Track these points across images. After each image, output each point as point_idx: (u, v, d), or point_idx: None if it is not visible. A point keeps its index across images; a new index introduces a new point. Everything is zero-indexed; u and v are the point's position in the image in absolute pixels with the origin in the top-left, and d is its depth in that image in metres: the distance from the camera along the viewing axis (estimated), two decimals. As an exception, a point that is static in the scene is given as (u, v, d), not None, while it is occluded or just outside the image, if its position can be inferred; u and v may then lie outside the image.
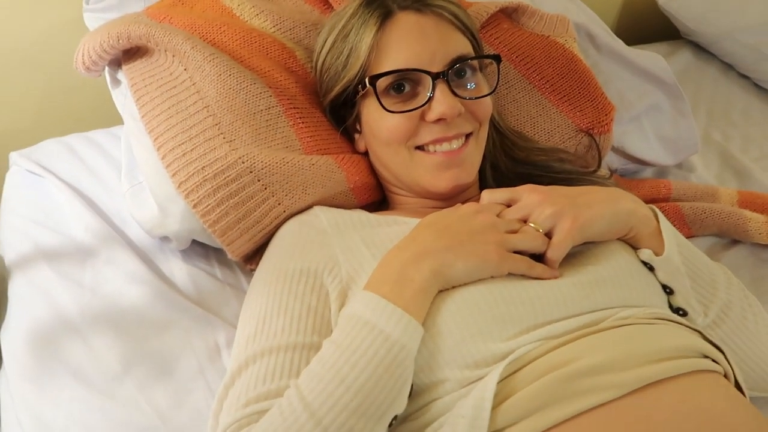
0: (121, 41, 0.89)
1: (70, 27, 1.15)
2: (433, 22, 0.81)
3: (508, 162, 0.92)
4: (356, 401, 0.59)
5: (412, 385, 0.63)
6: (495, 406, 0.59)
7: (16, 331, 0.81)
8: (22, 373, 0.77)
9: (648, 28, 1.66)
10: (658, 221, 0.74)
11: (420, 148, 0.81)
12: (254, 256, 0.87)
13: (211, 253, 0.92)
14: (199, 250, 0.91)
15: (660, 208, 1.02)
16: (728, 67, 1.47)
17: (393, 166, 0.84)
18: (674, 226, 0.99)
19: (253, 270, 0.84)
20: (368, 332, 0.62)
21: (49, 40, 1.19)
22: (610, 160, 1.08)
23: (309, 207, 0.84)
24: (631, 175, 1.13)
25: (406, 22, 0.80)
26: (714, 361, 0.66)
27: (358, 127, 0.88)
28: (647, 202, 1.03)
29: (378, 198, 0.92)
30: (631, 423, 0.57)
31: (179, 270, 0.89)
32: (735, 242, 1.02)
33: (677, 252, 0.73)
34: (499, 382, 0.60)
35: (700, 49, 1.51)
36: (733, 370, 0.67)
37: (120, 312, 0.82)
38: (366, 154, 0.90)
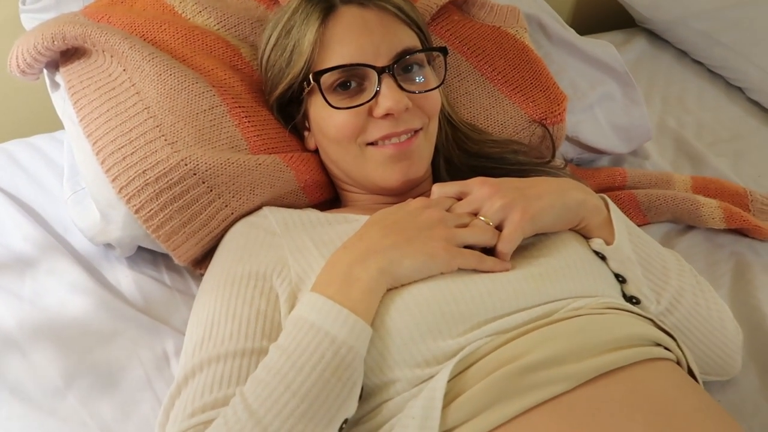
0: (56, 42, 0.86)
1: (7, 28, 1.11)
2: (377, 16, 0.79)
3: (462, 155, 0.91)
4: (303, 406, 0.58)
5: (362, 387, 0.62)
6: (445, 405, 0.58)
7: (-48, 348, 0.78)
8: (-43, 392, 0.74)
9: (603, 16, 1.66)
10: (608, 210, 0.74)
11: (371, 144, 0.79)
12: (203, 260, 0.85)
13: (159, 259, 0.90)
14: (146, 256, 0.89)
15: (615, 196, 1.02)
16: (682, 53, 1.48)
17: (343, 164, 0.83)
18: (629, 213, 1.01)
19: (203, 274, 0.82)
20: (314, 335, 0.60)
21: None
22: (566, 149, 1.08)
23: (258, 208, 0.82)
24: (588, 164, 1.13)
25: (349, 17, 0.78)
26: (666, 348, 0.66)
27: (306, 124, 0.86)
28: (603, 190, 1.05)
29: (330, 196, 0.90)
30: (582, 415, 0.57)
31: (125, 278, 0.86)
32: (689, 228, 1.02)
33: (628, 240, 0.72)
34: (449, 381, 0.59)
35: (654, 36, 1.53)
36: (685, 357, 0.67)
37: (61, 324, 0.79)
38: (316, 151, 0.88)
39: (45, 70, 0.93)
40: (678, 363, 0.67)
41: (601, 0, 1.65)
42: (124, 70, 0.85)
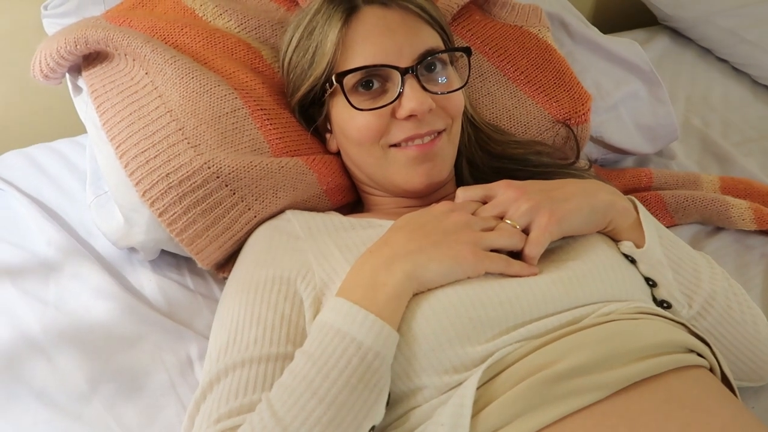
0: (78, 46, 0.86)
1: (28, 33, 1.12)
2: (400, 16, 0.78)
3: (485, 157, 0.90)
4: (330, 413, 0.57)
5: (389, 394, 0.61)
6: (475, 413, 0.57)
7: (-23, 353, 0.78)
8: (-18, 397, 0.74)
9: (624, 14, 1.64)
10: (638, 212, 0.72)
11: (394, 145, 0.78)
12: (226, 263, 0.84)
13: (182, 263, 0.89)
14: (169, 259, 0.89)
15: (641, 198, 1.00)
16: (706, 51, 1.46)
17: (366, 166, 0.82)
18: (656, 215, 0.99)
19: (226, 278, 0.82)
20: (340, 341, 0.59)
21: (6, 47, 1.15)
22: (590, 150, 1.06)
23: (281, 211, 0.82)
24: (612, 165, 1.12)
25: (371, 17, 0.78)
26: (699, 355, 0.64)
27: (328, 126, 0.85)
28: (628, 191, 1.03)
29: (352, 199, 0.90)
30: (616, 425, 0.55)
31: (148, 281, 0.86)
32: (718, 229, 1.00)
33: (659, 243, 0.71)
34: (478, 388, 0.58)
35: (677, 34, 1.50)
36: (719, 363, 0.65)
37: (86, 328, 0.79)
38: (338, 154, 0.87)
39: (67, 75, 0.93)
40: (711, 369, 0.65)
41: (622, -2, 1.63)
42: (147, 73, 0.85)
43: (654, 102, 1.08)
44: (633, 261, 0.71)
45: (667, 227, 0.93)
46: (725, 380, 0.66)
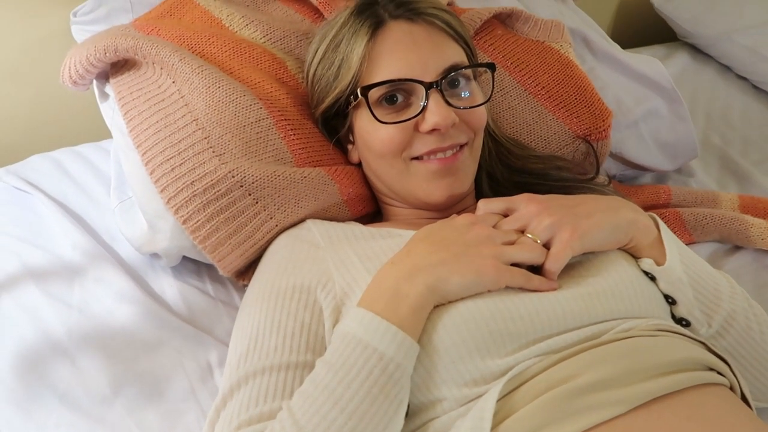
0: (108, 54, 0.87)
1: (57, 39, 1.14)
2: (426, 31, 0.79)
3: (505, 170, 0.90)
4: (351, 423, 0.58)
5: (408, 405, 0.62)
6: (494, 426, 0.58)
7: (2, 354, 0.79)
8: (7, 397, 0.75)
9: (644, 30, 1.65)
10: (659, 230, 0.72)
11: (416, 158, 0.79)
12: (246, 271, 0.85)
13: (203, 269, 0.90)
14: (190, 266, 0.90)
15: (660, 215, 1.00)
16: (726, 68, 1.46)
17: (387, 178, 0.83)
18: (675, 232, 0.99)
19: (246, 285, 0.83)
20: (362, 351, 0.60)
21: (35, 53, 1.17)
22: (608, 166, 1.06)
23: (301, 220, 0.82)
24: (630, 181, 1.12)
25: (397, 32, 0.79)
26: (719, 373, 0.64)
27: (350, 137, 0.86)
28: (647, 208, 1.03)
29: (372, 210, 0.90)
30: (637, 441, 0.55)
31: (170, 287, 0.87)
32: (737, 248, 1.00)
33: (679, 261, 0.71)
34: (498, 401, 0.58)
35: (697, 51, 1.50)
36: (738, 382, 0.65)
37: (109, 332, 0.80)
38: (359, 165, 0.88)
39: (94, 81, 0.94)
40: (731, 388, 0.65)
41: (642, 14, 1.64)
42: (174, 82, 0.86)
43: (674, 119, 1.08)
44: (653, 278, 0.71)
45: (686, 245, 0.93)
46: (744, 400, 0.66)
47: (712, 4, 1.49)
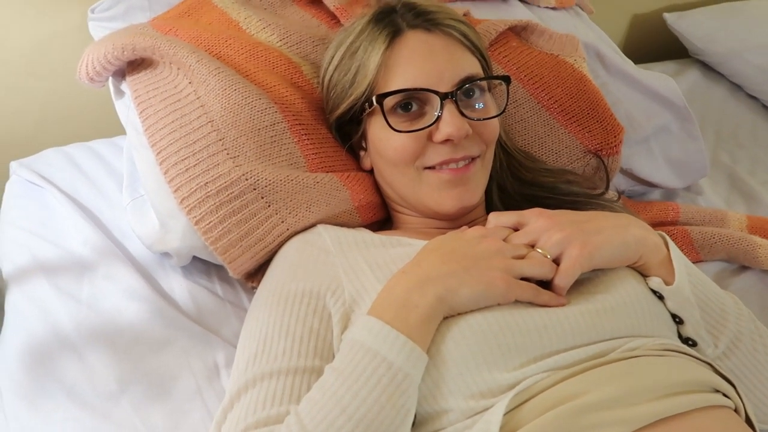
0: (126, 53, 0.88)
1: (74, 35, 1.15)
2: (442, 42, 0.79)
3: (515, 183, 0.90)
4: (358, 431, 0.58)
5: (415, 415, 0.62)
6: (500, 440, 0.58)
7: (11, 346, 0.80)
8: (15, 390, 0.75)
9: (656, 46, 1.65)
10: (668, 249, 0.73)
11: (428, 168, 0.79)
12: (256, 273, 0.86)
13: (212, 270, 0.91)
14: (200, 266, 0.90)
15: (668, 232, 1.00)
16: (737, 87, 1.46)
17: (398, 186, 0.83)
18: (682, 250, 0.98)
19: (255, 287, 0.83)
20: (370, 359, 0.60)
21: (51, 47, 1.18)
22: (618, 181, 1.07)
23: (312, 225, 0.83)
24: (639, 197, 1.12)
25: (414, 41, 0.79)
26: (725, 395, 0.65)
27: (363, 144, 0.87)
28: (655, 225, 1.03)
29: (382, 217, 0.91)
30: (641, 461, 0.56)
31: (179, 286, 0.87)
32: (744, 268, 1.00)
33: (688, 281, 0.71)
34: (504, 415, 0.59)
35: (708, 68, 1.51)
36: (744, 405, 0.65)
37: (117, 329, 0.80)
38: (371, 171, 0.88)
39: (110, 78, 0.95)
40: (736, 410, 0.65)
41: (654, 30, 1.64)
42: (190, 82, 0.86)
43: (685, 137, 1.09)
44: (661, 297, 0.72)
45: (693, 263, 0.94)
46: (748, 422, 0.66)
47: (724, 22, 1.50)
